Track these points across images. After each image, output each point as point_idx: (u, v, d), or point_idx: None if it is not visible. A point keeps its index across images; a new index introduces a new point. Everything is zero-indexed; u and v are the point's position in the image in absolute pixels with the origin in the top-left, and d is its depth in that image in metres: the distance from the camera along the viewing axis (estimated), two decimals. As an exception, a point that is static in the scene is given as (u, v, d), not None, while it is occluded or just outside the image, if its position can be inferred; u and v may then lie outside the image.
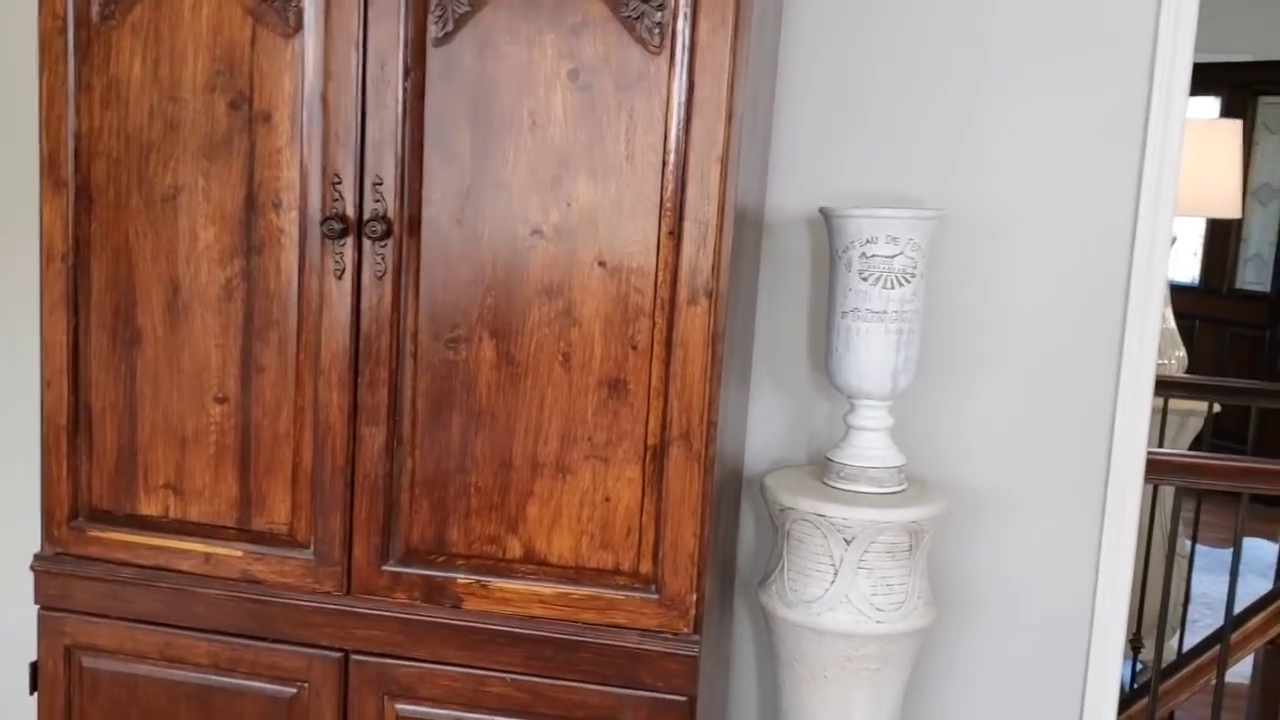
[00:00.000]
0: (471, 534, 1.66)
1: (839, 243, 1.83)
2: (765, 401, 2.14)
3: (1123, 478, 1.99)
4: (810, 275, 2.09)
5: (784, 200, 2.08)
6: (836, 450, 1.88)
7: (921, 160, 2.03)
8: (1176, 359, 3.23)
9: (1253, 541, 4.75)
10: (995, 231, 2.01)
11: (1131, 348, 1.95)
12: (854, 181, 2.05)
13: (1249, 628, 2.39)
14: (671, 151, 1.55)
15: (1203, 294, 6.21)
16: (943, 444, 2.05)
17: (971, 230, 2.01)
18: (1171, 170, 1.95)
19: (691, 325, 1.57)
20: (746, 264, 1.86)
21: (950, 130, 2.02)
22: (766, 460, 2.15)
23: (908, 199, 2.00)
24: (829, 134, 2.05)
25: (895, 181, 2.04)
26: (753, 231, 1.93)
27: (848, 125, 2.05)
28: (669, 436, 1.59)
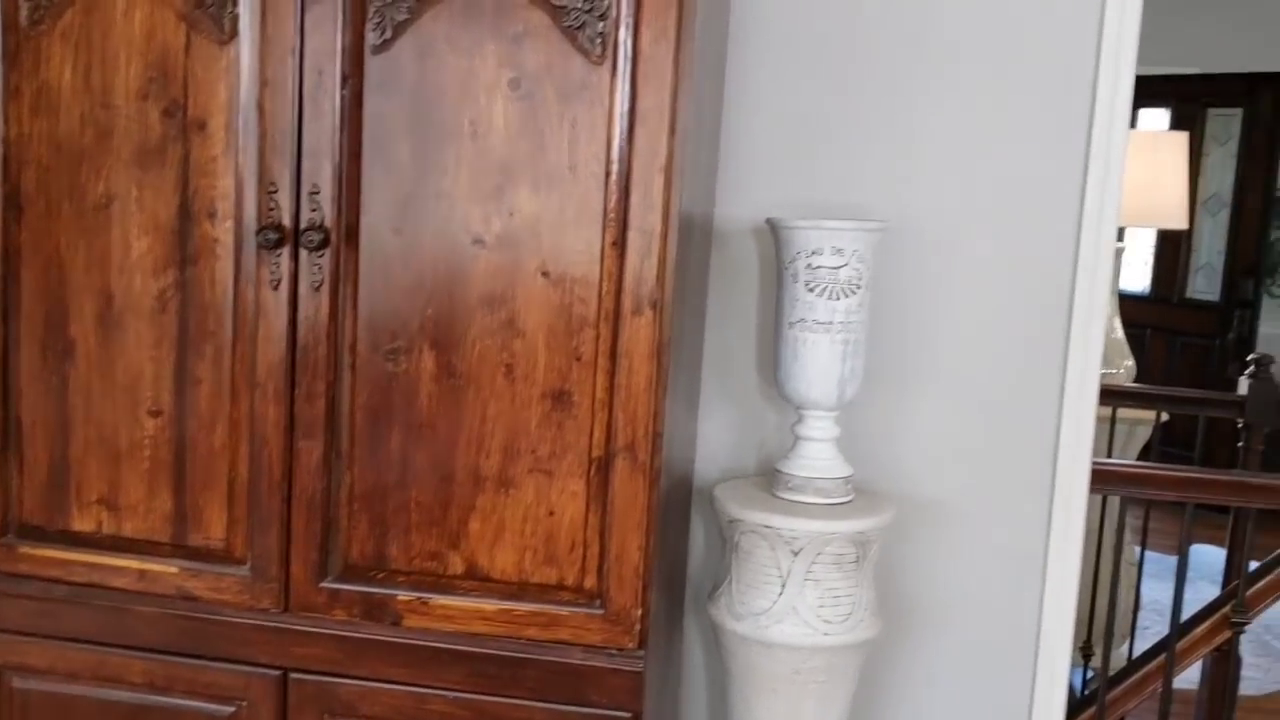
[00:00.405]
0: (412, 550, 1.63)
1: (786, 254, 1.82)
2: (716, 412, 2.12)
3: (1068, 488, 1.99)
4: (760, 285, 2.07)
5: (733, 210, 2.07)
6: (784, 461, 1.87)
7: (869, 171, 2.02)
8: (1125, 368, 3.25)
9: (1203, 548, 4.79)
10: (942, 243, 2.01)
11: (1076, 358, 1.95)
12: (804, 192, 2.04)
13: (1195, 635, 2.40)
14: (615, 161, 1.52)
15: (1154, 303, 6.27)
16: (891, 454, 2.04)
17: (918, 241, 2.01)
18: (1115, 182, 1.95)
19: (636, 336, 1.55)
20: (694, 274, 1.85)
21: (897, 141, 2.01)
22: (717, 471, 2.13)
23: (858, 209, 1.99)
24: (778, 145, 2.04)
25: (845, 192, 2.03)
26: (701, 241, 1.92)
27: (797, 136, 2.04)
28: (614, 448, 1.57)
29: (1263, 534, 4.31)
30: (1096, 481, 1.96)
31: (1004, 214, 1.99)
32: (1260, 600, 2.35)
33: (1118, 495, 2.13)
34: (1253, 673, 3.70)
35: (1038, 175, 1.98)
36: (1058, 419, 1.99)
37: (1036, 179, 1.98)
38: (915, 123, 2.00)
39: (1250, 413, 2.86)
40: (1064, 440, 1.99)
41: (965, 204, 2.00)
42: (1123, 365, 3.24)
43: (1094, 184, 1.95)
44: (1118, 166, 1.95)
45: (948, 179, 2.00)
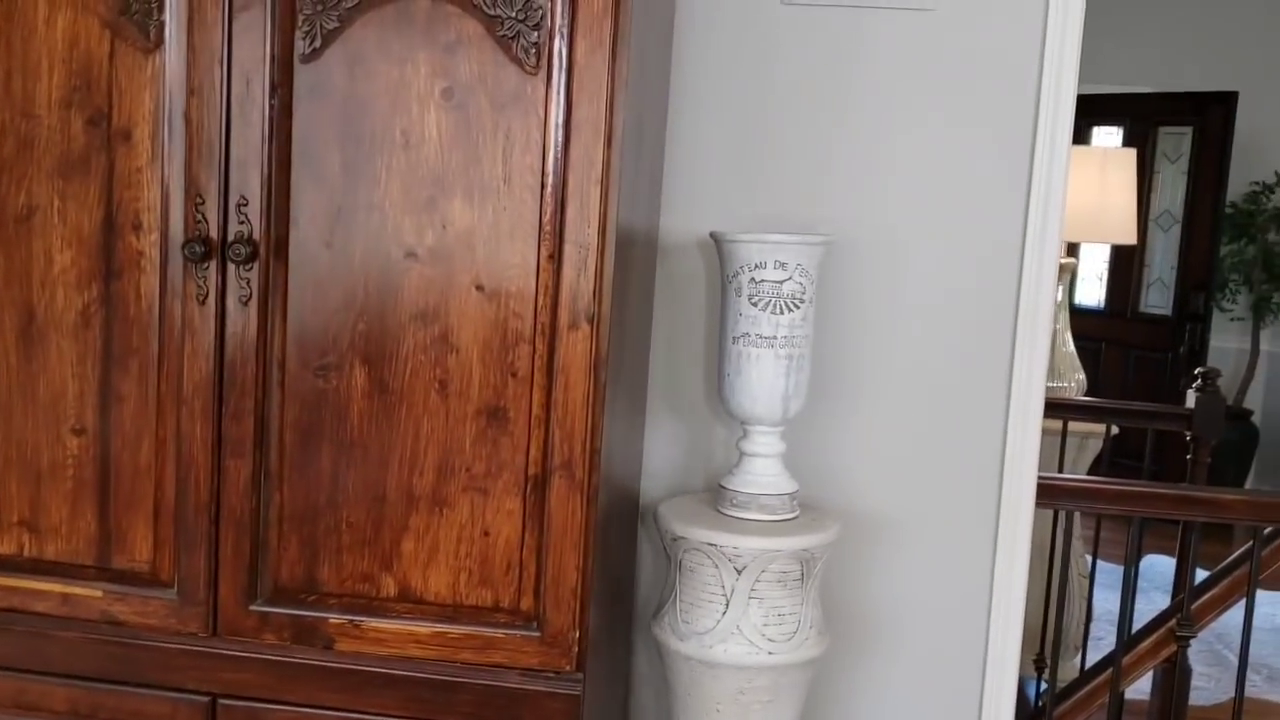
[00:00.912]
0: (343, 571, 1.57)
1: (729, 267, 1.78)
2: (662, 428, 2.08)
3: (1014, 502, 1.96)
4: (706, 300, 2.03)
5: (679, 224, 2.03)
6: (729, 477, 1.82)
7: (816, 186, 1.99)
8: (1077, 381, 3.24)
9: (1156, 559, 4.80)
10: (887, 258, 1.98)
11: (1021, 372, 1.92)
12: (751, 205, 2.01)
13: (1140, 650, 2.38)
14: (550, 173, 1.48)
15: (1108, 318, 6.30)
16: (837, 470, 2.01)
17: (864, 256, 1.98)
18: (1057, 198, 1.93)
19: (573, 351, 1.50)
20: (636, 288, 1.80)
21: (844, 157, 1.98)
22: (664, 487, 2.08)
23: (806, 224, 1.95)
24: (726, 158, 2.01)
25: (793, 206, 2.00)
26: (644, 255, 1.87)
27: (744, 150, 2.00)
28: (550, 466, 1.52)
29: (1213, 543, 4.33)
30: (1042, 496, 1.94)
31: (949, 229, 1.97)
32: (1207, 613, 2.33)
33: (1063, 510, 2.11)
34: (1203, 683, 3.70)
35: (982, 191, 1.95)
36: (1003, 433, 1.96)
37: (981, 194, 1.95)
38: (861, 138, 1.98)
39: (1197, 425, 2.85)
40: (1010, 454, 1.96)
41: (910, 219, 1.97)
42: (1074, 379, 3.23)
43: (1037, 200, 1.93)
44: (1060, 182, 1.93)
45: (894, 194, 1.97)
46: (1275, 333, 5.93)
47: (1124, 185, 3.16)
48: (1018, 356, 1.94)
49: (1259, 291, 5.84)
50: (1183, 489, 2.07)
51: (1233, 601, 2.33)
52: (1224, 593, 2.32)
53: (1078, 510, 2.15)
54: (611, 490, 1.72)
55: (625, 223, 1.60)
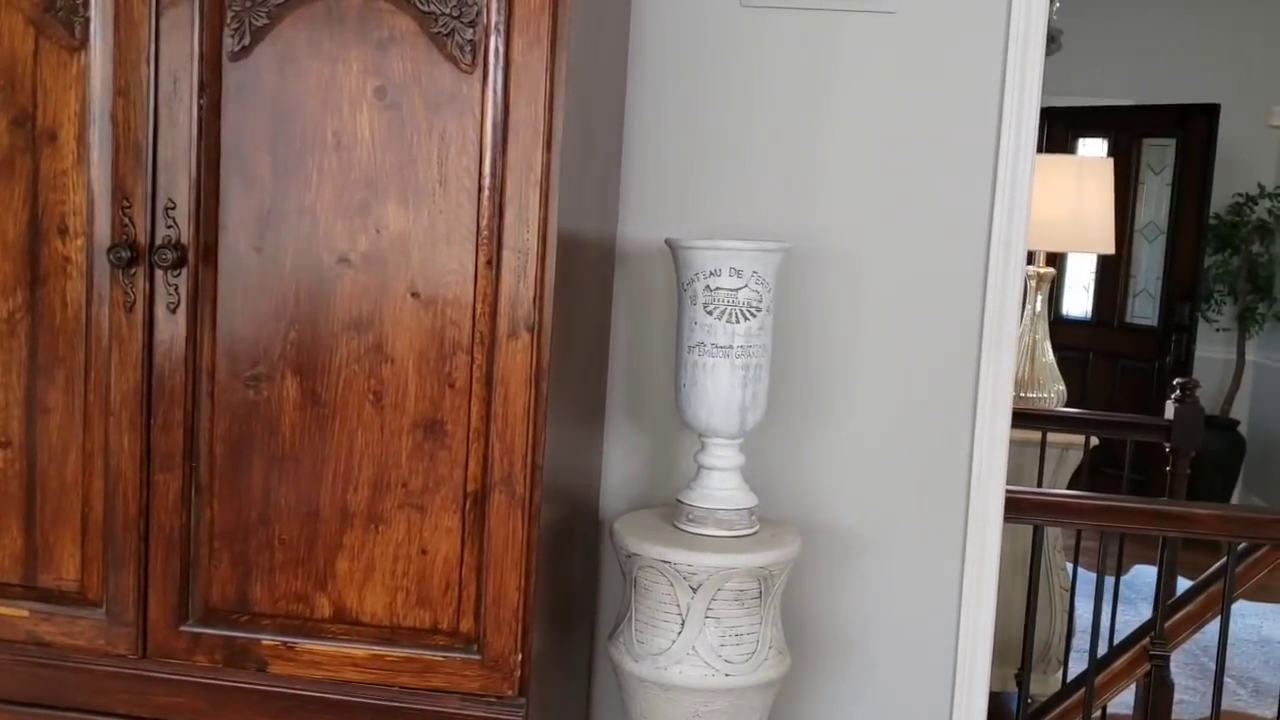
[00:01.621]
0: (276, 591, 1.47)
1: (684, 275, 1.69)
2: (623, 440, 1.99)
3: (982, 516, 1.87)
4: (668, 310, 1.94)
5: (639, 232, 1.94)
6: (686, 491, 1.73)
7: (777, 192, 1.91)
8: (1057, 392, 3.15)
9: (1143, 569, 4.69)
10: (849, 266, 1.89)
11: (987, 383, 1.83)
12: (713, 213, 1.92)
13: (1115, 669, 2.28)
14: (487, 175, 1.39)
15: (1095, 328, 6.21)
16: (799, 484, 1.92)
17: (824, 264, 1.89)
18: (1022, 204, 1.84)
19: (512, 361, 1.41)
20: (587, 296, 1.71)
21: (804, 163, 1.90)
22: (625, 501, 1.99)
23: (767, 232, 1.86)
24: (685, 164, 1.92)
25: (754, 214, 1.91)
26: (596, 262, 1.79)
27: (704, 156, 1.92)
28: (490, 481, 1.43)
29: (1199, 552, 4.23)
30: (1010, 510, 1.84)
31: (912, 237, 1.88)
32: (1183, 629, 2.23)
33: (1031, 524, 2.02)
34: (1188, 696, 3.59)
35: (945, 197, 1.87)
36: (970, 445, 1.87)
37: (944, 201, 1.87)
38: (823, 144, 1.89)
39: (1176, 436, 2.76)
40: (977, 466, 1.87)
41: (873, 227, 1.88)
42: (1054, 389, 3.13)
43: (1001, 206, 1.84)
44: (1024, 188, 1.84)
45: (856, 201, 1.89)
46: (1260, 343, 5.84)
47: (1101, 195, 3.07)
48: (984, 366, 1.85)
49: (1244, 302, 5.76)
50: (1154, 503, 1.98)
51: (1209, 618, 2.24)
52: (1200, 609, 2.23)
53: (1046, 525, 2.06)
54: (561, 505, 1.63)
55: (570, 228, 1.51)
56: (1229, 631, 1.99)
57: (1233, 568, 1.96)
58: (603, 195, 1.78)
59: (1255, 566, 2.23)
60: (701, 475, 1.72)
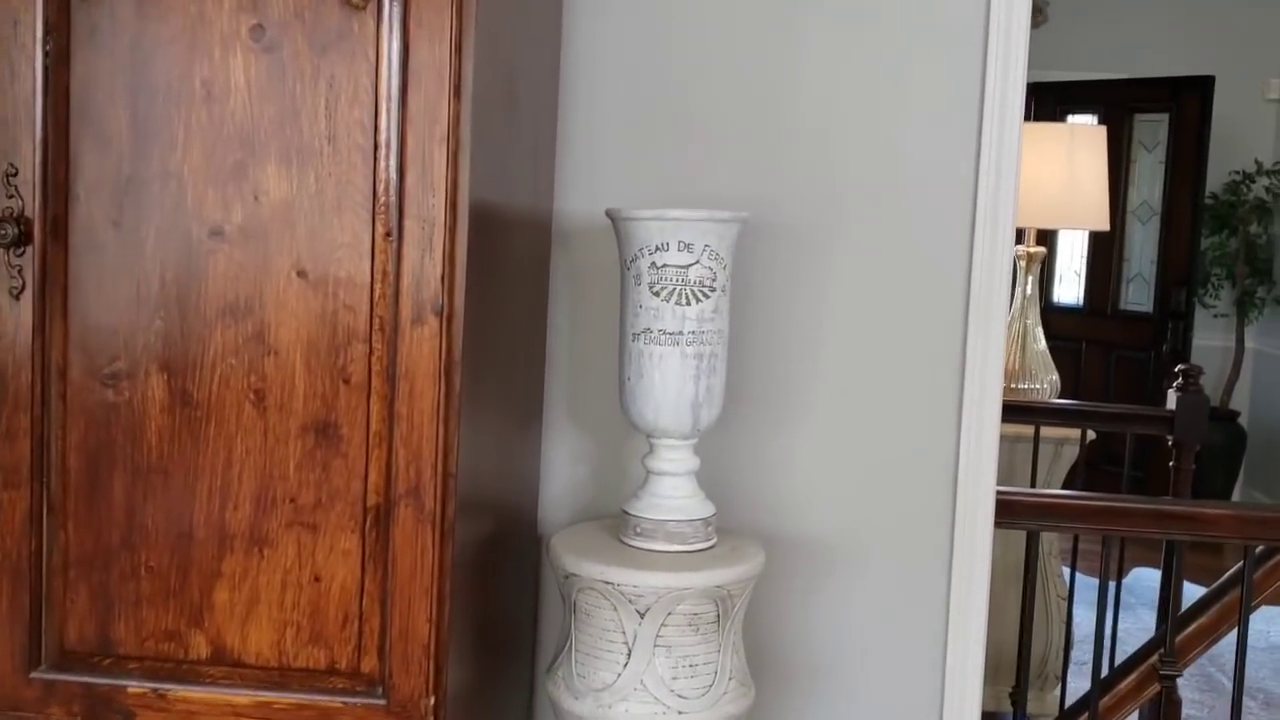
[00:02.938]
0: (144, 628, 1.30)
1: (627, 251, 1.52)
2: (565, 442, 1.82)
3: (970, 522, 1.71)
4: (613, 292, 1.77)
5: (580, 205, 1.77)
6: (633, 501, 1.57)
7: (735, 157, 1.75)
8: (1049, 383, 3.01)
9: (1143, 571, 4.57)
10: (818, 240, 1.73)
11: (974, 372, 1.68)
12: (663, 183, 1.76)
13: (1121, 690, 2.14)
14: (385, 130, 1.22)
15: (1088, 315, 6.10)
16: (763, 489, 1.76)
17: (790, 237, 1.73)
18: (1010, 169, 1.70)
19: (418, 352, 1.24)
20: (515, 276, 1.55)
21: (768, 126, 1.74)
22: (570, 511, 1.82)
23: (721, 201, 1.70)
24: (632, 129, 1.76)
25: (711, 183, 1.75)
26: (529, 238, 1.62)
27: (653, 120, 1.76)
28: (395, 495, 1.26)
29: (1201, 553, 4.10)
30: (1002, 514, 1.69)
31: (888, 208, 1.72)
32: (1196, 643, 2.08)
33: (1026, 529, 1.87)
34: (1196, 711, 3.47)
35: (925, 162, 1.71)
36: (956, 442, 1.71)
37: (924, 167, 1.71)
38: (788, 105, 1.73)
39: (1179, 429, 2.62)
40: (964, 466, 1.71)
41: (844, 196, 1.73)
42: (1047, 380, 2.99)
43: (988, 171, 1.69)
44: (1012, 153, 1.69)
45: (825, 168, 1.73)
46: (1260, 329, 5.75)
47: (1094, 166, 2.93)
48: (970, 354, 1.70)
49: (1242, 286, 5.66)
50: (1161, 504, 1.83)
51: (1223, 631, 2.09)
52: (1214, 620, 2.08)
53: (1043, 530, 1.91)
54: (486, 519, 1.46)
55: (489, 196, 1.34)
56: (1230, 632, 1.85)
57: (1250, 573, 1.81)
58: (534, 161, 1.61)
59: (1275, 572, 2.09)
60: (650, 482, 1.56)
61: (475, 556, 1.39)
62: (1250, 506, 3.41)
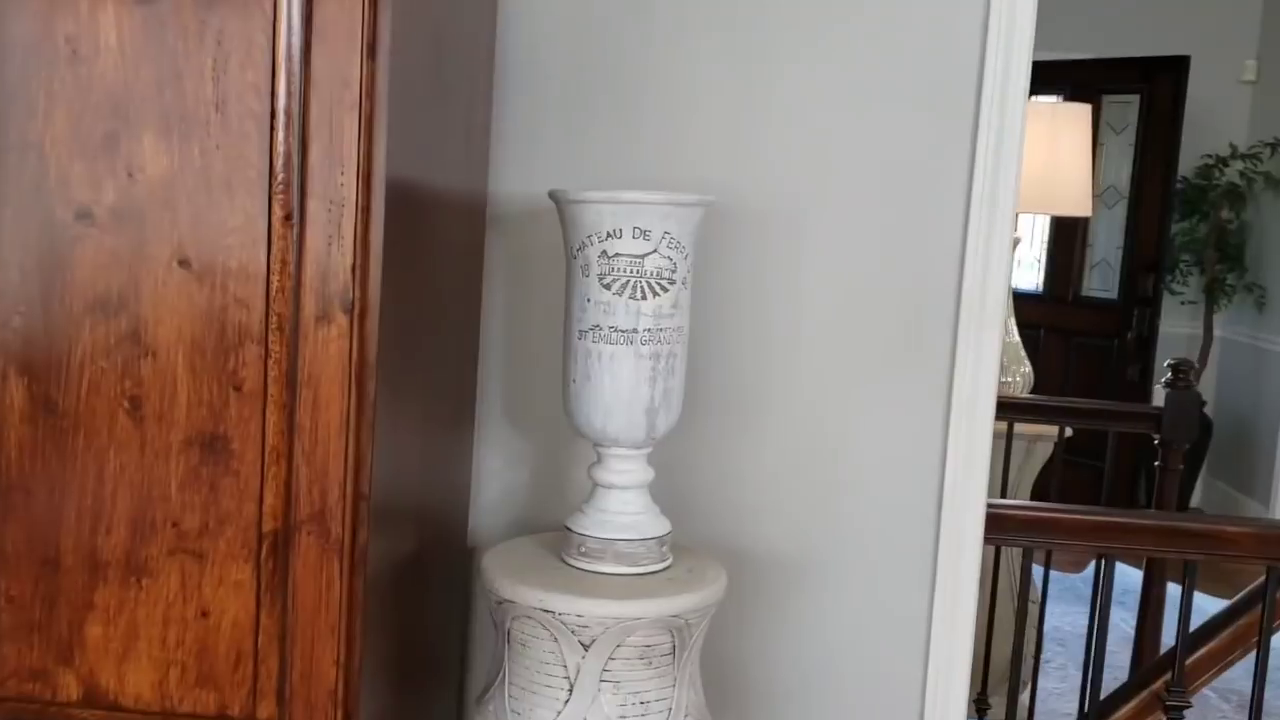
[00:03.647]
0: (5, 666, 1.12)
1: (574, 238, 1.36)
2: (501, 446, 1.66)
3: (957, 537, 1.57)
4: (556, 283, 1.60)
5: (518, 185, 1.60)
6: (578, 516, 1.41)
7: (699, 134, 1.58)
8: (1022, 375, 2.89)
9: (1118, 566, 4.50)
10: (791, 227, 1.57)
11: (964, 373, 1.53)
12: (615, 162, 1.59)
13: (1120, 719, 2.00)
14: (283, 96, 1.05)
15: (1049, 302, 6.00)
16: (726, 501, 1.60)
17: (760, 223, 1.57)
18: (1011, 147, 1.55)
19: (323, 354, 1.07)
20: (443, 265, 1.38)
21: (734, 99, 1.57)
22: (505, 523, 1.66)
23: (683, 183, 1.54)
24: (579, 103, 1.59)
25: (668, 161, 1.59)
26: (461, 223, 1.45)
27: (603, 93, 1.59)
28: (295, 519, 1.09)
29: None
30: (992, 529, 1.55)
31: (870, 190, 1.57)
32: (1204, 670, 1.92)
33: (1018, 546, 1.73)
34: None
35: (915, 145, 1.56)
36: (943, 449, 1.57)
37: (911, 146, 1.56)
38: (757, 75, 1.57)
39: (1168, 428, 2.50)
40: (951, 476, 1.57)
41: (822, 175, 1.57)
42: (1019, 372, 2.87)
43: (985, 149, 1.54)
44: (1014, 132, 1.54)
45: (800, 146, 1.57)
46: (1229, 316, 5.68)
47: (1077, 146, 2.80)
48: (961, 353, 1.55)
49: (1211, 272, 5.58)
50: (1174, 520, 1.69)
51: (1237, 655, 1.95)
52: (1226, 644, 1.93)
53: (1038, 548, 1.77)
54: (406, 537, 1.30)
55: (411, 173, 1.17)
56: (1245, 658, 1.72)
57: (1273, 593, 1.67)
58: (465, 136, 1.44)
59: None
60: (597, 496, 1.40)
61: (393, 581, 1.23)
62: (1273, 524, 3.29)
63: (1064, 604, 4.26)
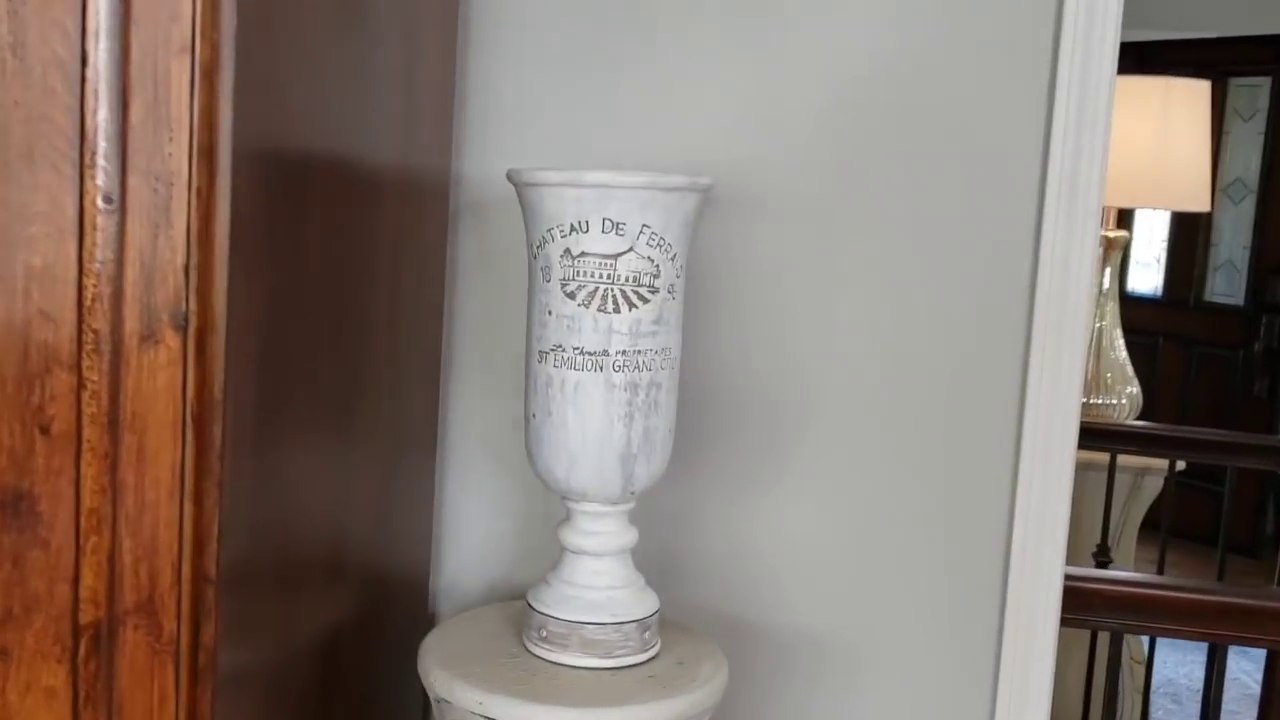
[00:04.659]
0: None
1: (534, 232, 1.09)
2: (473, 482, 1.40)
3: (1027, 615, 1.27)
4: (539, 286, 1.35)
5: (495, 166, 1.34)
6: (541, 587, 1.14)
7: (701, 104, 1.31)
8: (1128, 397, 2.54)
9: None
10: (815, 218, 1.29)
11: (1038, 403, 1.23)
12: (603, 137, 1.33)
13: None
14: (97, 36, 0.80)
15: (1167, 307, 5.64)
16: (733, 565, 1.32)
17: (773, 215, 1.29)
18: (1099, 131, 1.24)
19: (149, 386, 0.82)
20: (367, 264, 1.12)
21: (746, 56, 1.30)
22: (483, 587, 1.41)
23: (677, 163, 1.26)
24: (581, 61, 1.33)
25: (664, 137, 1.32)
26: (397, 209, 1.19)
27: (589, 56, 1.32)
28: (119, 609, 0.85)
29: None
30: (1073, 606, 1.25)
31: (919, 172, 1.27)
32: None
33: (1107, 629, 1.42)
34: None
35: (976, 117, 1.26)
36: (1010, 501, 1.27)
37: (974, 122, 1.26)
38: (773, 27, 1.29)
39: (1300, 463, 2.15)
40: (1020, 536, 1.27)
41: (853, 153, 1.28)
42: (1125, 394, 2.53)
43: (1063, 122, 1.23)
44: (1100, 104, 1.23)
45: (825, 113, 1.29)
46: (1371, 327, 5.21)
47: (1194, 130, 2.45)
48: (1033, 377, 1.24)
49: (1351, 276, 5.13)
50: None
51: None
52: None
53: (1131, 633, 1.46)
54: (304, 625, 1.05)
55: (289, 141, 0.92)
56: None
57: None
58: (407, 96, 1.18)
59: None
60: (564, 564, 1.14)
61: (272, 688, 0.98)
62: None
63: (1178, 651, 3.87)
